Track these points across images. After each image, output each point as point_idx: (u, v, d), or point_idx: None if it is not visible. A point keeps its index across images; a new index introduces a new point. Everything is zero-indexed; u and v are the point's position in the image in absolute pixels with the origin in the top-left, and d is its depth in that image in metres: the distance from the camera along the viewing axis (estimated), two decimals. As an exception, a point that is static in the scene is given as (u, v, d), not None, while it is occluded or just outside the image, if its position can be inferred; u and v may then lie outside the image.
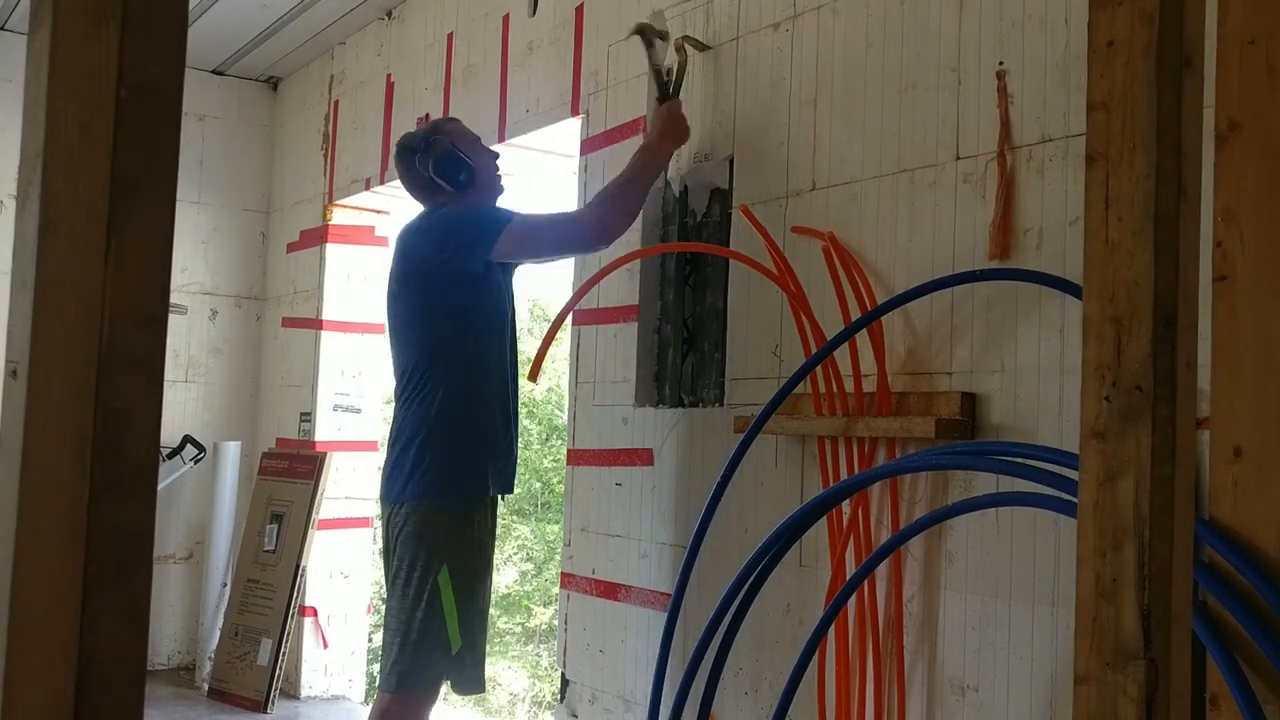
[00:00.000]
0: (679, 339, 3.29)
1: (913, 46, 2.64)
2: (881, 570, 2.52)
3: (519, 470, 3.14)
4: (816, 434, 2.70)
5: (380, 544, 3.08)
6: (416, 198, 3.18)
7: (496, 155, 3.22)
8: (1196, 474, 1.60)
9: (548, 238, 2.96)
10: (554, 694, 3.75)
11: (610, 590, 3.39)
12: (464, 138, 3.16)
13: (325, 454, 5.16)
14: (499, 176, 3.20)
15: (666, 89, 3.09)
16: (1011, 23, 2.42)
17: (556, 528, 11.01)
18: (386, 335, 3.12)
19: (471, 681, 2.94)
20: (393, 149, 3.23)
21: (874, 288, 2.66)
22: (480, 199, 3.11)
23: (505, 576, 11.51)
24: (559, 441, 11.10)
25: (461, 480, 2.92)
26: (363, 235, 5.38)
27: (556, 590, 3.80)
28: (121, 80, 0.90)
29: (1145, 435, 1.16)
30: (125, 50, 0.91)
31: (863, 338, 2.61)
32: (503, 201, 3.22)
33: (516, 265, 3.12)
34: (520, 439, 3.17)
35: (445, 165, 3.05)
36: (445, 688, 2.99)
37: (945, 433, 2.38)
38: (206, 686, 5.17)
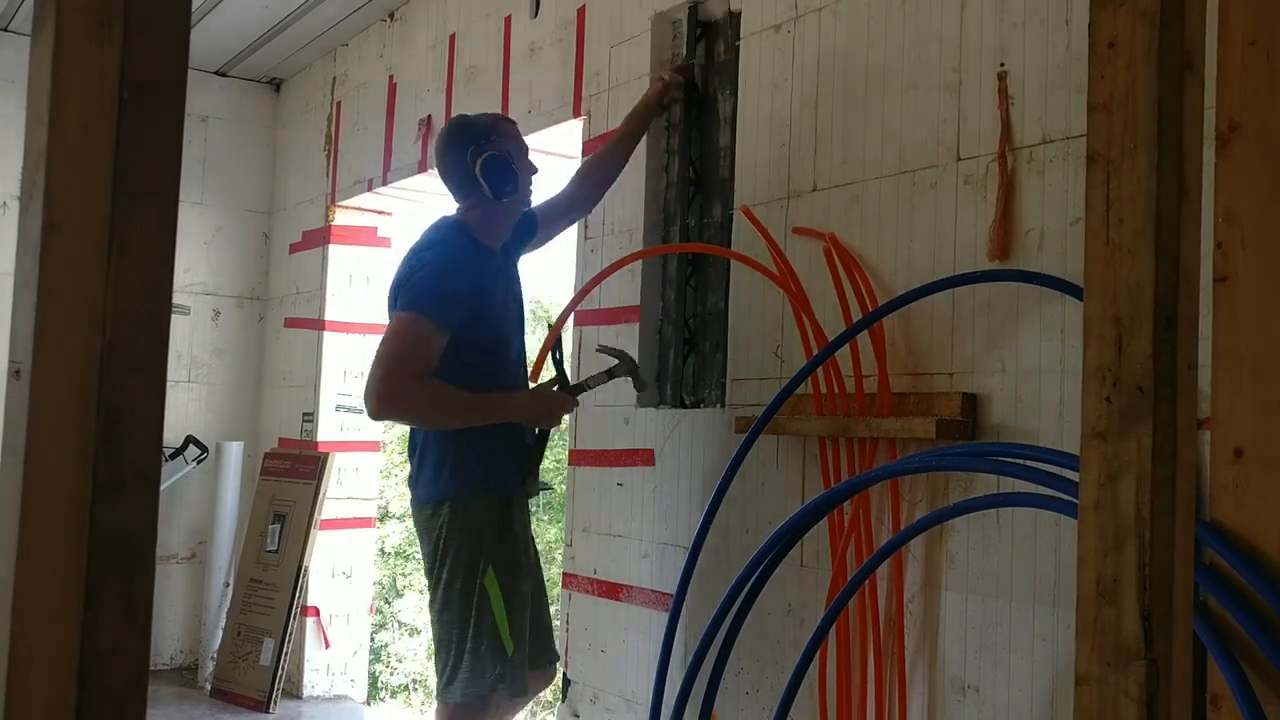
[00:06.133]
0: (680, 339, 3.29)
1: (913, 48, 2.64)
2: (882, 570, 2.52)
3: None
4: (818, 434, 2.70)
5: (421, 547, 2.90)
6: (446, 184, 3.00)
7: (536, 170, 3.03)
8: (1197, 475, 1.61)
9: (378, 361, 2.73)
10: (555, 694, 3.74)
11: (612, 590, 3.39)
12: (519, 146, 2.98)
13: (327, 454, 5.16)
14: (531, 193, 3.04)
15: (579, 388, 2.99)
16: (1012, 23, 2.42)
17: (558, 529, 10.99)
18: None
19: (521, 688, 2.81)
20: (441, 128, 3.03)
21: (875, 288, 2.66)
22: (505, 213, 2.97)
23: (507, 577, 11.45)
24: (560, 442, 11.08)
25: (494, 476, 2.83)
26: (365, 236, 5.38)
27: (558, 590, 3.79)
28: (124, 81, 0.91)
29: (1146, 436, 1.16)
30: (128, 51, 0.91)
31: (864, 338, 2.61)
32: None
33: (520, 255, 3.07)
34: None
35: (495, 171, 2.85)
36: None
37: (946, 433, 2.38)
38: (209, 686, 5.18)
